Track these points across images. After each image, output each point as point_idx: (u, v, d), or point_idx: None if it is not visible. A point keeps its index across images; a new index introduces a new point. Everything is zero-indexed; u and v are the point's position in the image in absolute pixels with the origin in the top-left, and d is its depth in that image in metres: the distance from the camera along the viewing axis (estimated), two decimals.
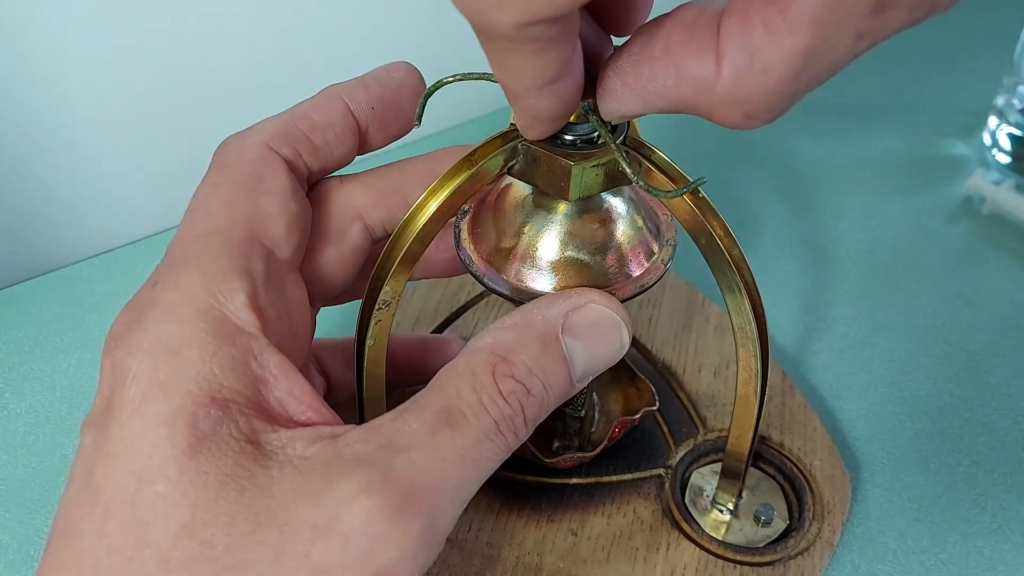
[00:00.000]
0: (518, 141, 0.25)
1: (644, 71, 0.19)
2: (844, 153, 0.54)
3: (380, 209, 0.26)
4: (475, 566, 0.30)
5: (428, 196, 0.26)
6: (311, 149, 0.24)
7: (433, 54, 0.54)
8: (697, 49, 0.18)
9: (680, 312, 0.40)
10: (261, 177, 0.22)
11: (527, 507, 0.32)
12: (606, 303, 0.23)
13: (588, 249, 0.27)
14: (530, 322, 0.22)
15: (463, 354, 0.22)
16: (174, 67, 0.45)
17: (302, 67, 0.49)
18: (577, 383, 0.23)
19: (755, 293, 0.26)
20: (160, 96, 0.46)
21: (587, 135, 0.25)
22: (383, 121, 0.25)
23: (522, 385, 0.21)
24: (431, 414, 0.20)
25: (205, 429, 0.18)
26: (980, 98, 0.56)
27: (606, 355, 0.23)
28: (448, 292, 0.41)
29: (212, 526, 0.17)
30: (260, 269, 0.21)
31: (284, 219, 0.22)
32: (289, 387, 0.20)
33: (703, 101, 0.18)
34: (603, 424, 0.35)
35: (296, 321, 0.23)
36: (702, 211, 0.25)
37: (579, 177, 0.25)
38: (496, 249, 0.27)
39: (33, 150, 0.44)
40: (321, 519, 0.18)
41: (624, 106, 0.21)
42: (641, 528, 0.32)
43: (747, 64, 0.17)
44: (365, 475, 0.18)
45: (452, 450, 0.19)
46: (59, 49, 0.42)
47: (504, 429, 0.20)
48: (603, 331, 0.23)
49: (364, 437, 0.19)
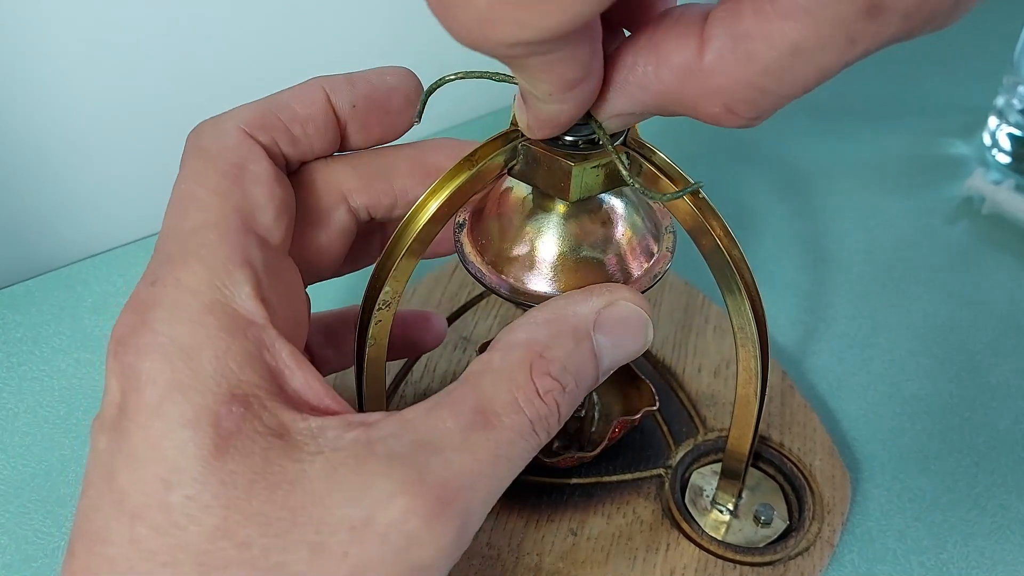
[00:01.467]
0: (519, 141, 0.25)
1: (627, 61, 0.19)
2: (844, 153, 0.54)
3: (365, 193, 0.25)
4: (475, 566, 0.30)
5: (428, 196, 0.26)
6: (289, 139, 0.23)
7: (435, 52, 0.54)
8: (680, 35, 0.17)
9: (680, 312, 0.40)
10: (244, 164, 0.22)
11: (527, 507, 0.32)
12: (636, 300, 0.23)
13: (588, 250, 0.27)
14: (564, 317, 0.22)
15: (497, 349, 0.21)
16: (173, 67, 0.45)
17: (302, 69, 0.49)
18: (600, 379, 0.23)
19: (755, 293, 0.26)
20: (159, 96, 0.46)
21: (588, 136, 0.25)
22: (366, 121, 0.25)
23: (558, 383, 0.21)
24: (467, 412, 0.19)
25: (230, 427, 0.18)
26: (980, 98, 0.56)
27: (631, 351, 0.23)
28: (448, 292, 0.41)
29: (246, 527, 0.17)
30: (259, 258, 0.21)
31: (272, 205, 0.22)
32: (304, 377, 0.20)
33: (687, 91, 0.18)
34: (603, 424, 0.35)
35: (296, 308, 0.23)
36: (702, 212, 0.25)
37: (579, 178, 0.25)
38: (496, 249, 0.27)
39: (31, 150, 0.43)
40: (358, 518, 0.17)
41: (610, 104, 0.20)
42: (641, 528, 0.32)
43: (730, 49, 0.16)
44: (402, 474, 0.18)
45: (487, 450, 0.19)
46: (57, 50, 0.42)
47: (539, 428, 0.20)
48: (631, 328, 0.23)
49: (398, 431, 0.19)
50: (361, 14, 0.50)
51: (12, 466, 0.36)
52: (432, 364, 0.37)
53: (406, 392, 0.36)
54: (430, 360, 0.38)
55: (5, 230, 0.45)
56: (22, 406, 0.38)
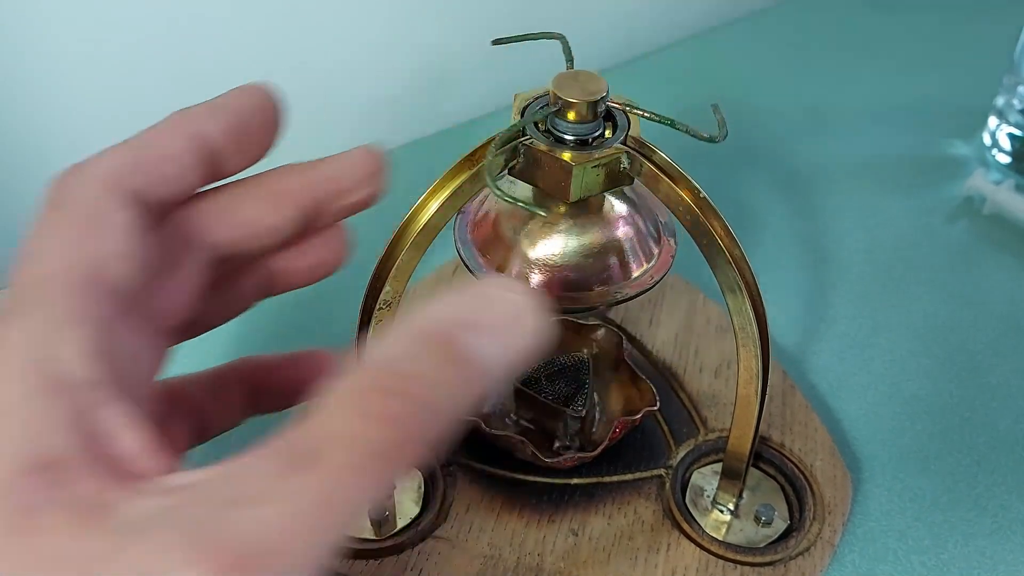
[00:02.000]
0: (519, 141, 0.25)
1: None
2: (844, 153, 0.54)
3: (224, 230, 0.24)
4: (476, 567, 0.30)
5: (428, 196, 0.26)
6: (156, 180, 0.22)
7: (435, 50, 0.54)
8: None
9: (681, 312, 0.40)
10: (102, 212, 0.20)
11: (528, 507, 0.32)
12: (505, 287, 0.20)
13: (589, 250, 0.27)
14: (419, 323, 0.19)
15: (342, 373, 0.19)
16: (175, 67, 0.45)
17: (307, 69, 0.49)
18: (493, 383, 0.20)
19: (756, 293, 0.26)
20: (161, 96, 0.46)
21: (587, 135, 0.25)
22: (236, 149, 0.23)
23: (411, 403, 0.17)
24: (286, 454, 0.17)
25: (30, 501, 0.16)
26: (980, 98, 0.56)
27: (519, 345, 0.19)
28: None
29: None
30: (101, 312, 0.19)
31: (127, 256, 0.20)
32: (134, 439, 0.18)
33: None
34: (604, 424, 0.35)
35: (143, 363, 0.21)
36: (703, 211, 0.25)
37: (580, 177, 0.25)
38: (498, 250, 0.27)
39: (32, 151, 0.43)
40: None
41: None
42: (642, 528, 0.32)
43: None
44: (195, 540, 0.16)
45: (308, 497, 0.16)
46: (58, 51, 0.42)
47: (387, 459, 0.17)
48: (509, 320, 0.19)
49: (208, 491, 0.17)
50: (364, 16, 0.50)
51: None
52: None
53: None
54: None
55: (5, 231, 0.45)
56: None
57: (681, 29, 0.65)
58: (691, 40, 0.64)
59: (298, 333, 0.40)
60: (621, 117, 0.26)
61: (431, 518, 0.32)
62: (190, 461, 0.20)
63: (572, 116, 0.25)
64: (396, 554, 0.30)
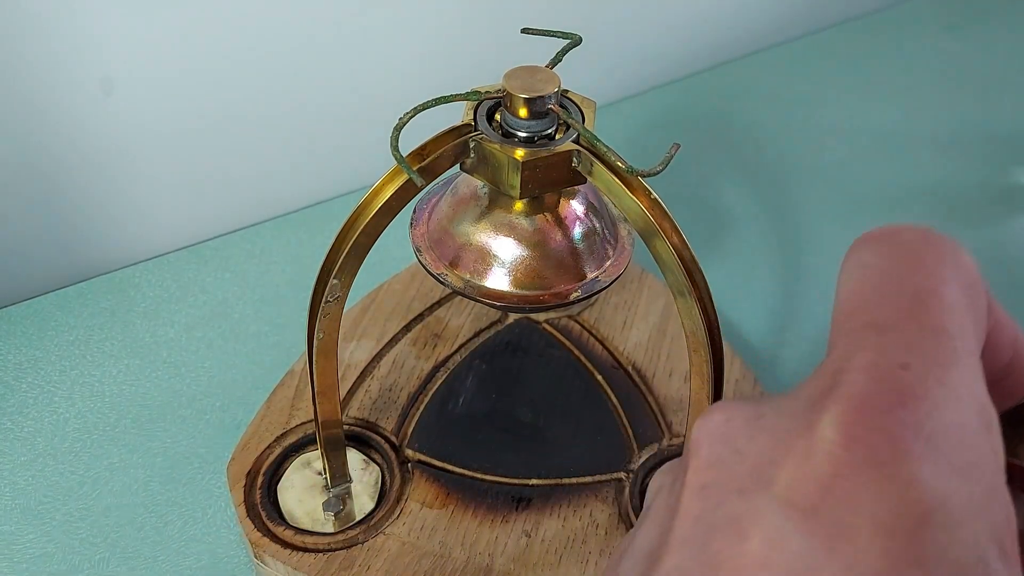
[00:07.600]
0: (470, 136, 0.25)
1: None
2: (910, 181, 0.52)
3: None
4: (424, 566, 0.30)
5: (379, 187, 0.25)
6: None
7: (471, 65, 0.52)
8: None
9: (656, 315, 0.40)
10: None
11: (483, 507, 0.32)
12: None
13: (543, 249, 0.26)
14: None
15: None
16: (221, 76, 0.44)
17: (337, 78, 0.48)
18: None
19: (707, 297, 0.26)
20: (208, 104, 0.45)
21: (540, 132, 0.25)
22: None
23: None
24: None
25: None
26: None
27: None
28: (423, 288, 0.41)
29: None
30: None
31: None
32: None
33: None
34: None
35: None
36: (653, 213, 0.25)
37: (528, 174, 0.25)
38: (452, 247, 0.27)
39: (83, 156, 0.43)
40: None
41: None
42: (596, 532, 0.31)
43: None
44: None
45: None
46: (109, 57, 0.41)
47: None
48: None
49: None
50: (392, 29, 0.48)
51: (60, 472, 0.35)
52: (400, 360, 0.37)
53: (371, 387, 0.36)
54: (398, 356, 0.37)
55: (57, 232, 0.44)
56: (72, 411, 0.38)
57: (748, 44, 0.63)
58: (756, 56, 0.62)
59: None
60: (577, 115, 0.26)
61: (383, 514, 0.31)
62: None
63: (523, 112, 0.25)
64: (346, 549, 0.30)
